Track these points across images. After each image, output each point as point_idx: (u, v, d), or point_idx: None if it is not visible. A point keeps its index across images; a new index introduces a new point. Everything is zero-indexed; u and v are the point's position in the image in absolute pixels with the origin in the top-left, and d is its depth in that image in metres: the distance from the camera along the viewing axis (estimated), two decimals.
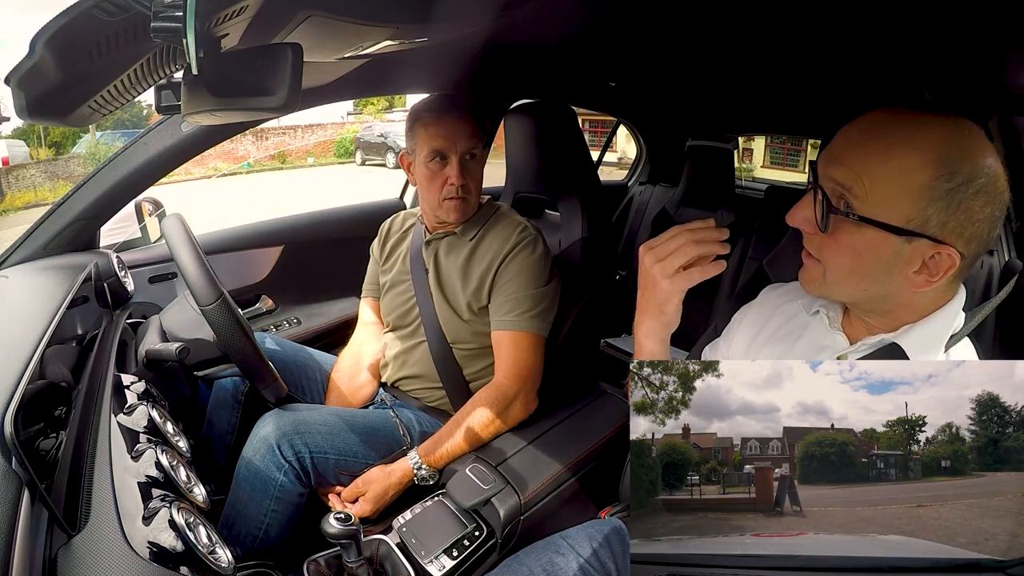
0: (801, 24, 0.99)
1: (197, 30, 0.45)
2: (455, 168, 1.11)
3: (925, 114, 0.54)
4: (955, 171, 0.51)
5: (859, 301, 0.62)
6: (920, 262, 0.55)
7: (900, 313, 0.61)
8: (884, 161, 0.53)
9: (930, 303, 0.60)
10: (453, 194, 1.12)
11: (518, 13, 0.95)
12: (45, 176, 11.44)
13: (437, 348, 1.19)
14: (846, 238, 0.57)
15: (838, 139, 0.58)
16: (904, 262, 0.55)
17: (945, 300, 0.60)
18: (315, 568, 0.88)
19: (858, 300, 0.62)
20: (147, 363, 1.04)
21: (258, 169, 13.33)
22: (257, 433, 1.01)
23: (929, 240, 0.53)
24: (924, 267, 0.55)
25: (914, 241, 0.54)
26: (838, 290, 0.61)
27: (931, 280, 0.55)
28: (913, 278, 0.56)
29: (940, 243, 0.53)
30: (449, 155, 1.11)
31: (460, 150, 1.11)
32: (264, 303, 1.67)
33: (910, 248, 0.54)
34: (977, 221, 0.53)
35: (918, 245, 0.54)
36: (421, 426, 1.17)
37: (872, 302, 0.61)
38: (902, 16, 0.82)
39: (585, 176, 1.46)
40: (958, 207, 0.52)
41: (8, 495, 0.49)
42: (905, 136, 0.53)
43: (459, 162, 1.11)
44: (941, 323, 0.60)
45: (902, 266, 0.55)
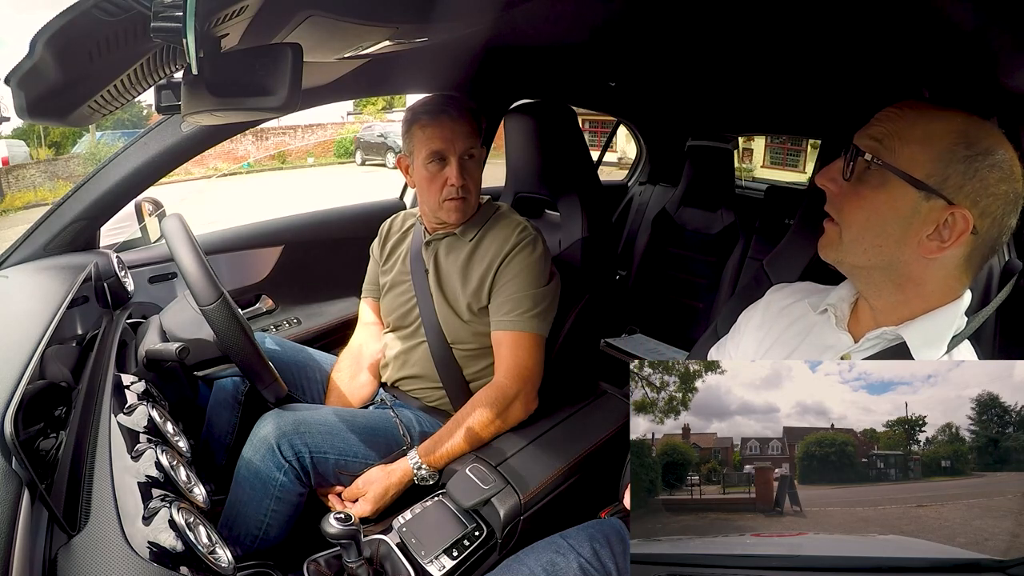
0: (801, 24, 0.99)
1: (197, 30, 0.45)
2: (454, 169, 1.11)
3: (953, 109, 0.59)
4: (974, 142, 0.56)
5: (871, 264, 0.62)
6: (934, 226, 0.57)
7: (908, 292, 0.61)
8: (912, 124, 0.58)
9: (939, 293, 0.61)
10: (453, 195, 1.12)
11: (518, 13, 0.95)
12: (45, 176, 11.44)
13: (437, 348, 1.19)
14: (868, 191, 0.60)
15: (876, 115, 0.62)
16: (920, 222, 0.57)
17: (951, 297, 0.61)
18: (315, 568, 0.88)
19: (871, 262, 0.62)
20: (147, 363, 1.04)
21: (258, 169, 13.34)
22: (257, 433, 1.01)
23: (945, 201, 0.56)
24: (937, 232, 0.57)
25: (931, 199, 0.56)
26: (853, 248, 0.62)
27: (943, 246, 0.57)
28: (926, 243, 0.58)
29: (955, 206, 0.56)
30: (448, 156, 1.11)
31: (459, 150, 1.11)
32: (264, 303, 1.67)
33: (927, 207, 0.57)
34: (992, 194, 0.56)
35: (934, 205, 0.56)
36: (421, 426, 1.17)
37: (884, 270, 0.61)
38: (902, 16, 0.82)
39: (585, 176, 1.46)
40: (975, 174, 0.55)
41: (8, 495, 0.49)
42: (934, 110, 0.59)
43: (458, 163, 1.11)
44: (945, 319, 0.60)
45: (917, 226, 0.57)
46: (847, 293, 0.70)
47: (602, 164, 2.84)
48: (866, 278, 0.64)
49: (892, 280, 0.62)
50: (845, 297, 0.70)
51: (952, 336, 0.60)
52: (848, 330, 0.67)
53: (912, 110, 0.60)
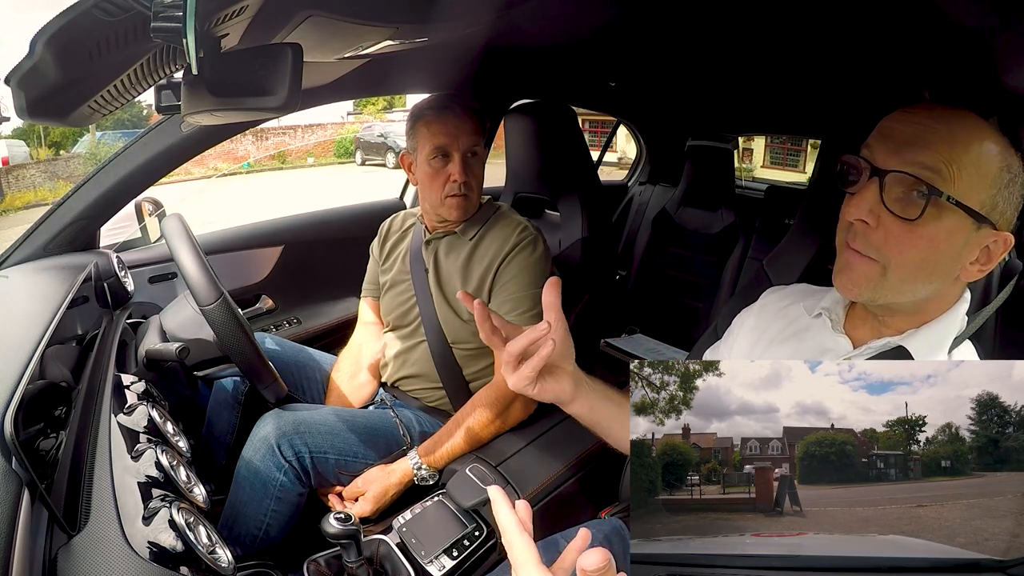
0: (801, 24, 0.99)
1: (197, 30, 0.45)
2: (458, 165, 1.11)
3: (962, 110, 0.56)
4: (1011, 163, 0.54)
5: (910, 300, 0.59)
6: (978, 251, 0.55)
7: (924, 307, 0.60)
8: (967, 148, 0.53)
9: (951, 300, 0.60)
10: (455, 191, 1.12)
11: (518, 13, 0.95)
12: (45, 176, 11.44)
13: (437, 348, 1.19)
14: (927, 228, 0.54)
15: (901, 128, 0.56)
16: (969, 251, 0.55)
17: (952, 302, 0.60)
18: (315, 568, 0.88)
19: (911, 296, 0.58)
20: (147, 363, 1.04)
21: (258, 169, 13.33)
22: (257, 433, 1.01)
23: (991, 227, 0.54)
24: (981, 258, 0.56)
25: (981, 228, 0.54)
26: (901, 289, 0.57)
27: (983, 269, 0.56)
28: (968, 268, 0.56)
29: (999, 231, 0.55)
30: (452, 152, 1.12)
31: (462, 147, 1.11)
32: (264, 303, 1.67)
33: (977, 236, 0.54)
34: (1015, 208, 0.55)
35: (983, 232, 0.54)
36: (421, 426, 1.17)
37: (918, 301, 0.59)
38: (902, 16, 0.82)
39: (585, 176, 1.46)
40: (1009, 196, 0.54)
41: (8, 495, 0.49)
42: (976, 124, 0.54)
43: (462, 159, 1.11)
44: (947, 325, 0.60)
45: (967, 255, 0.56)
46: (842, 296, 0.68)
47: (602, 164, 2.83)
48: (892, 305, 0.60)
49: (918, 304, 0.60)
50: (840, 300, 0.69)
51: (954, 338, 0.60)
52: (845, 332, 0.66)
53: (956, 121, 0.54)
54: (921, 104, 0.57)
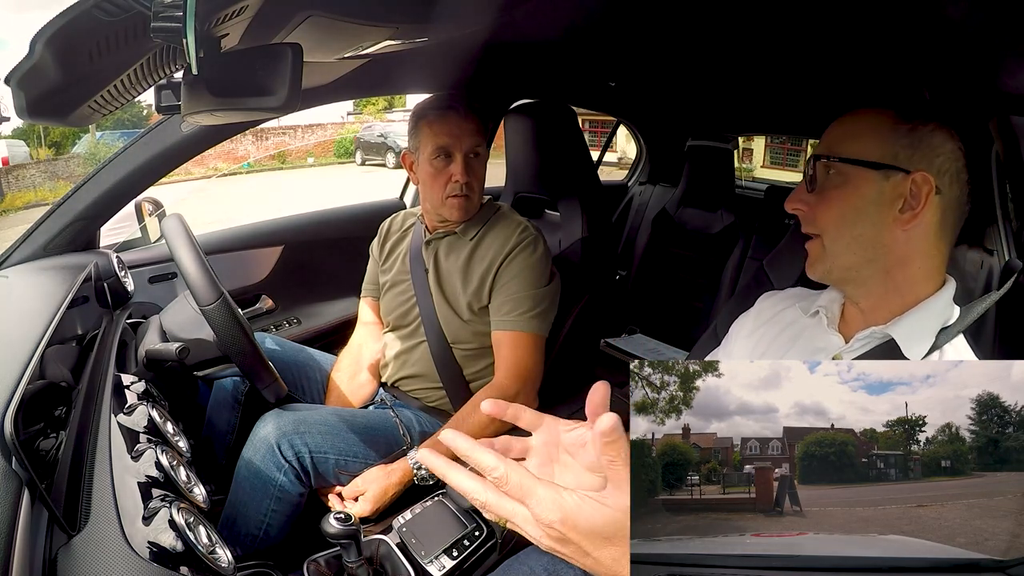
0: (801, 24, 0.99)
1: (197, 30, 0.45)
2: (460, 165, 1.11)
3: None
4: (912, 117, 0.61)
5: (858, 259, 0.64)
6: (902, 199, 0.60)
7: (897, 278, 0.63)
8: (854, 123, 0.64)
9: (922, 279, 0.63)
10: (457, 191, 1.13)
11: (518, 13, 0.95)
12: (45, 176, 11.44)
13: (437, 348, 1.19)
14: (832, 191, 0.64)
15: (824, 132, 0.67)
16: (887, 199, 0.61)
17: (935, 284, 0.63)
18: (315, 568, 0.88)
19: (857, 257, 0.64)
20: (147, 363, 1.04)
21: (258, 169, 13.33)
22: (257, 433, 1.01)
23: (902, 172, 0.60)
24: (906, 204, 0.60)
25: (891, 176, 0.60)
26: (838, 251, 0.64)
27: (915, 212, 0.60)
28: (899, 217, 0.61)
29: (912, 172, 0.59)
30: (454, 152, 1.12)
31: (465, 147, 1.12)
32: (264, 303, 1.67)
33: (889, 185, 0.60)
34: (941, 153, 0.60)
35: (895, 180, 0.60)
36: (421, 426, 1.17)
37: (871, 261, 0.63)
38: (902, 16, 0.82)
39: (585, 176, 1.46)
40: (920, 141, 0.60)
41: (8, 495, 0.49)
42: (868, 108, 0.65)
43: (464, 160, 1.12)
44: (931, 312, 0.62)
45: (887, 204, 0.61)
46: (837, 294, 0.71)
47: (602, 164, 2.83)
48: (855, 279, 0.66)
49: (880, 270, 0.63)
50: (835, 298, 0.71)
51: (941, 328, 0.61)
52: (838, 331, 0.68)
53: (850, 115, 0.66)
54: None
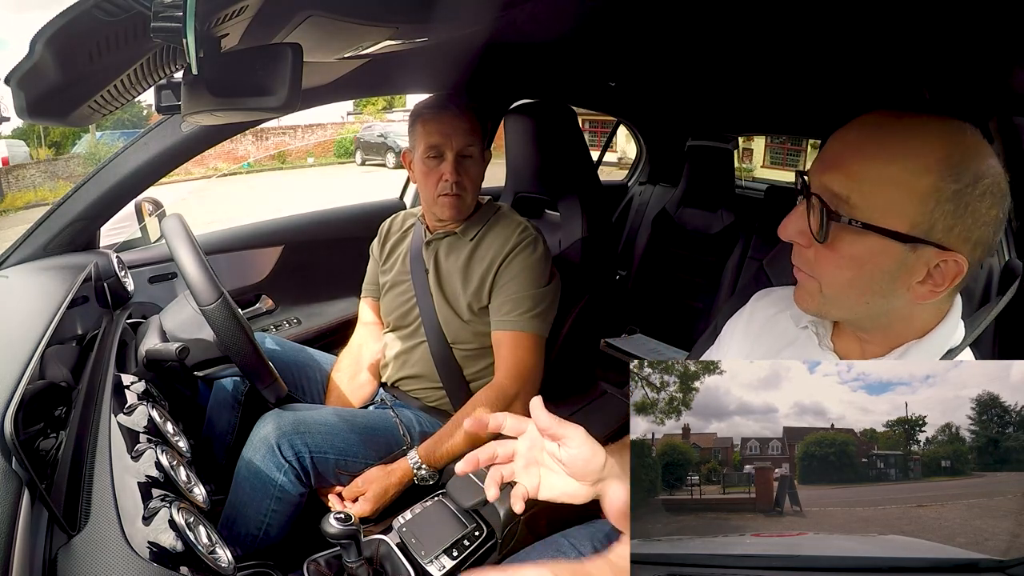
0: (801, 24, 0.99)
1: (197, 30, 0.45)
2: (450, 164, 1.12)
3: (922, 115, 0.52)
4: (961, 171, 0.48)
5: (857, 318, 0.58)
6: (925, 271, 0.51)
7: (897, 328, 0.57)
8: (887, 165, 0.50)
9: (929, 318, 0.57)
10: (447, 190, 1.13)
11: (518, 13, 0.95)
12: (45, 176, 11.44)
13: (437, 348, 1.19)
14: (845, 248, 0.53)
15: (832, 145, 0.55)
16: (908, 272, 0.52)
17: (942, 315, 0.57)
18: (315, 568, 0.88)
19: (858, 316, 0.58)
20: (147, 363, 1.04)
21: (258, 169, 13.33)
22: (257, 433, 1.01)
23: (935, 247, 0.50)
24: (929, 276, 0.51)
25: (919, 249, 0.50)
26: (837, 306, 0.57)
27: (936, 290, 0.52)
28: (917, 288, 0.52)
29: (946, 250, 0.50)
30: (445, 151, 1.12)
31: (456, 147, 1.12)
32: (264, 303, 1.67)
33: (914, 257, 0.51)
34: (983, 224, 0.49)
35: (923, 253, 0.50)
36: (421, 426, 1.17)
37: (871, 318, 0.57)
38: (902, 16, 0.82)
39: (585, 176, 1.46)
40: (965, 210, 0.49)
41: (8, 495, 0.49)
42: (906, 137, 0.50)
43: (454, 159, 1.12)
44: (937, 341, 0.57)
45: (905, 276, 0.52)
46: None
47: (602, 164, 2.83)
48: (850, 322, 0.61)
49: (878, 324, 0.58)
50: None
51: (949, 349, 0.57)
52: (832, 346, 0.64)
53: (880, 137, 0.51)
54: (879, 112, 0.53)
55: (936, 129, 0.50)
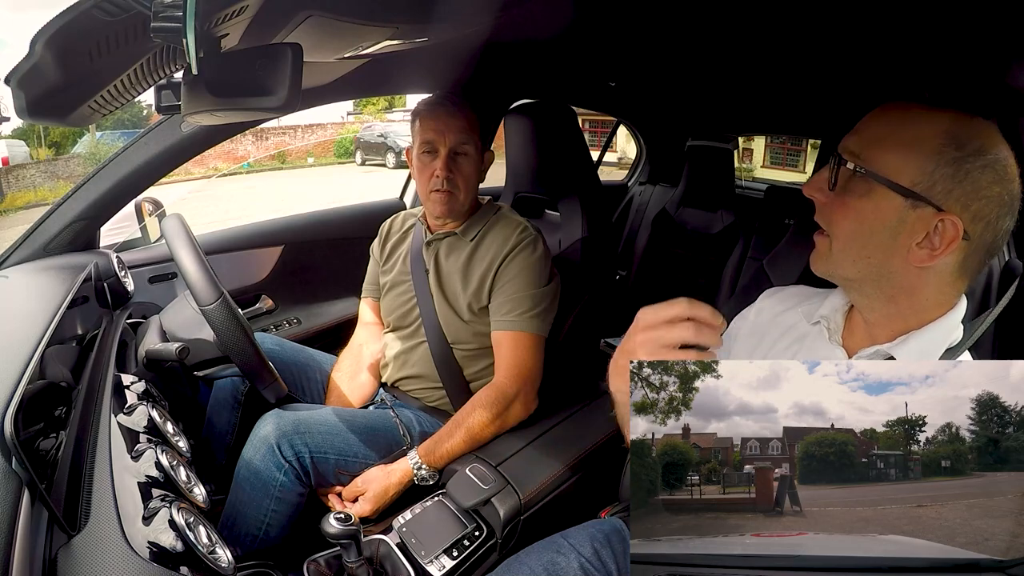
0: (801, 24, 0.99)
1: (197, 30, 0.45)
2: (441, 161, 1.12)
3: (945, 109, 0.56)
4: (964, 142, 0.53)
5: (862, 276, 0.60)
6: (924, 233, 0.55)
7: (902, 305, 0.59)
8: (896, 128, 0.56)
9: (933, 306, 0.59)
10: (438, 186, 1.13)
11: (518, 13, 0.95)
12: (45, 176, 11.45)
13: (437, 348, 1.19)
14: (853, 200, 0.58)
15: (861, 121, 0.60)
16: (908, 230, 0.55)
17: (946, 307, 0.59)
18: (315, 568, 0.88)
19: (861, 274, 0.60)
20: (147, 363, 1.04)
21: (258, 169, 13.34)
22: (257, 433, 1.01)
23: (933, 208, 0.54)
24: (927, 240, 0.55)
25: (919, 208, 0.54)
26: (843, 260, 0.61)
27: (933, 254, 0.55)
28: (915, 251, 0.56)
29: (944, 212, 0.54)
30: (438, 148, 1.13)
31: (449, 144, 1.12)
32: (264, 303, 1.67)
33: (914, 215, 0.55)
34: (984, 197, 0.53)
35: (922, 213, 0.54)
36: (421, 426, 1.17)
37: (874, 282, 0.60)
38: (903, 16, 0.82)
39: (585, 176, 1.46)
40: (965, 176, 0.53)
41: (8, 495, 0.49)
42: (920, 110, 0.56)
43: (446, 156, 1.13)
44: (939, 333, 0.59)
45: (906, 235, 0.56)
46: (840, 302, 0.68)
47: (602, 164, 2.83)
48: (858, 290, 0.63)
49: (883, 291, 0.60)
50: (839, 307, 0.68)
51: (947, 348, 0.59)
52: (843, 342, 0.66)
53: (896, 112, 0.58)
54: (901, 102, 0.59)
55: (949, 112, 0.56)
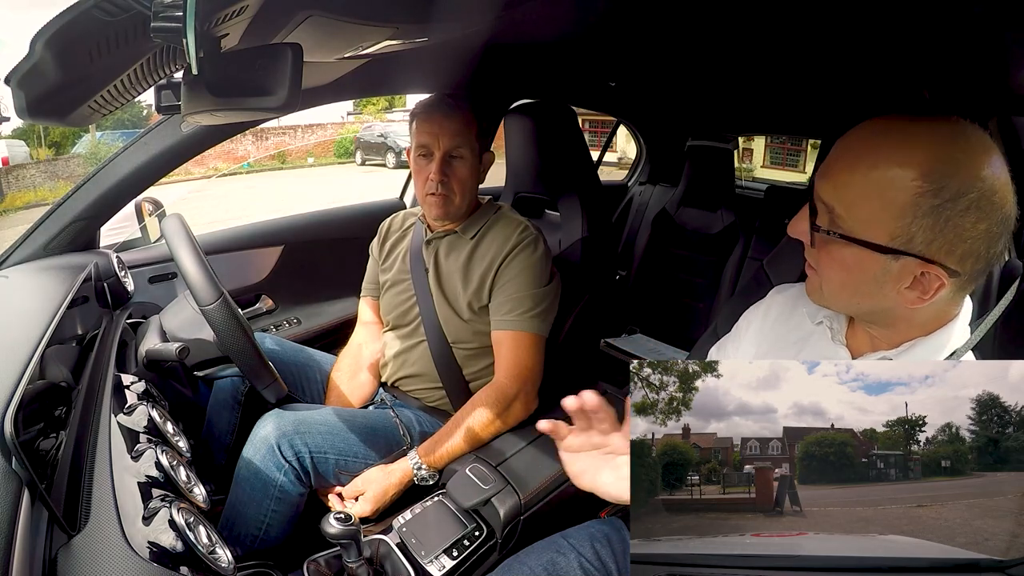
0: (801, 24, 0.99)
1: (197, 30, 0.45)
2: (436, 164, 1.12)
3: (920, 121, 0.53)
4: (942, 186, 0.49)
5: (857, 313, 0.62)
6: (911, 278, 0.53)
7: (902, 327, 0.59)
8: (866, 176, 0.53)
9: (934, 318, 0.58)
10: (432, 190, 1.13)
11: (518, 13, 0.95)
12: (45, 176, 11.45)
13: (437, 348, 1.19)
14: (835, 253, 0.57)
15: (832, 152, 0.57)
16: (894, 278, 0.54)
17: (950, 316, 0.58)
18: (315, 568, 0.88)
19: (856, 312, 0.62)
20: (147, 363, 1.04)
21: (258, 169, 13.34)
22: (257, 433, 1.01)
23: (916, 258, 0.52)
24: (916, 283, 0.54)
25: (901, 259, 0.53)
26: (835, 302, 0.62)
27: (923, 297, 0.54)
28: (906, 294, 0.54)
29: (928, 261, 0.52)
30: (433, 151, 1.13)
31: (443, 147, 1.12)
32: (264, 303, 1.67)
33: (898, 265, 0.53)
34: (970, 239, 0.50)
35: (906, 262, 0.53)
36: (421, 426, 1.17)
37: (871, 315, 0.60)
38: (902, 16, 0.82)
39: (585, 176, 1.46)
40: (946, 224, 0.50)
41: (8, 495, 0.49)
42: (891, 150, 0.52)
43: (441, 159, 1.12)
44: (942, 341, 0.58)
45: (892, 282, 0.54)
46: None
47: (602, 164, 2.83)
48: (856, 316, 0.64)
49: (880, 320, 0.60)
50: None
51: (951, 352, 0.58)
52: (846, 342, 0.66)
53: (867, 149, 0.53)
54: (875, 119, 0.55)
55: (924, 140, 0.51)
